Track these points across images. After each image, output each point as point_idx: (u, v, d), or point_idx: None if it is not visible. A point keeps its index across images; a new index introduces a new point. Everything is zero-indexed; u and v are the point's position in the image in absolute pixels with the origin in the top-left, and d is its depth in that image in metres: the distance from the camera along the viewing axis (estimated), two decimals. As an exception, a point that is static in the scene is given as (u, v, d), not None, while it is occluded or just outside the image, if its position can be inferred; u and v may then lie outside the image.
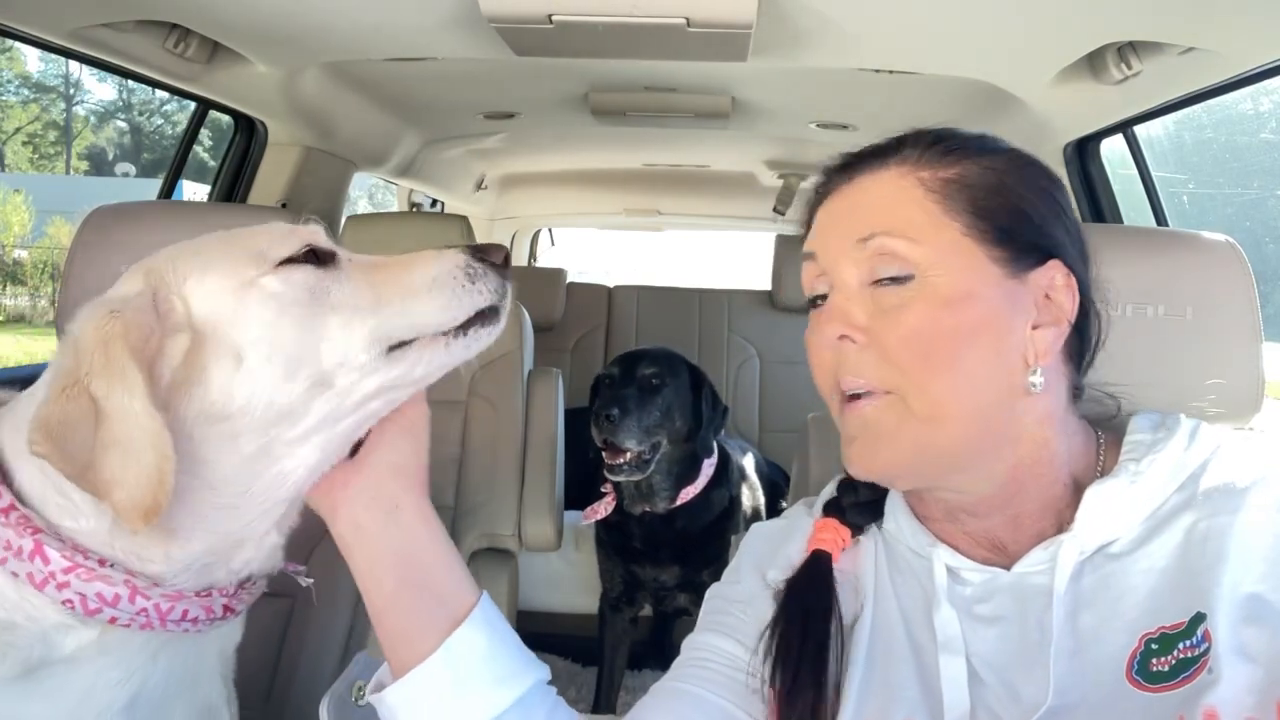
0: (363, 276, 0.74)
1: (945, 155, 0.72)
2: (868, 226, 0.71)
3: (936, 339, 0.67)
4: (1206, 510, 0.65)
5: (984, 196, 0.70)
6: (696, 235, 5.55)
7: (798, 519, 0.85)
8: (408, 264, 0.75)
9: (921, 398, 0.67)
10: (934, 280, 0.68)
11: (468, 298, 0.74)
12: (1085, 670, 0.64)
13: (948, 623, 0.70)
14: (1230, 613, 0.60)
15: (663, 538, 2.15)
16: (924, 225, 0.69)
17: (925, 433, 0.68)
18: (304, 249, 0.73)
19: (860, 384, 0.70)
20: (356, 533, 0.72)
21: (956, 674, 0.68)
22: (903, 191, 0.71)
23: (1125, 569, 0.66)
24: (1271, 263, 3.48)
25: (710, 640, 0.80)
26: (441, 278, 0.74)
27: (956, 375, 0.67)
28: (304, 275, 0.71)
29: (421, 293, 0.73)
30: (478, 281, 0.74)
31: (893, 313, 0.68)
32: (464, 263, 0.75)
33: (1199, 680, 0.59)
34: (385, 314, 0.72)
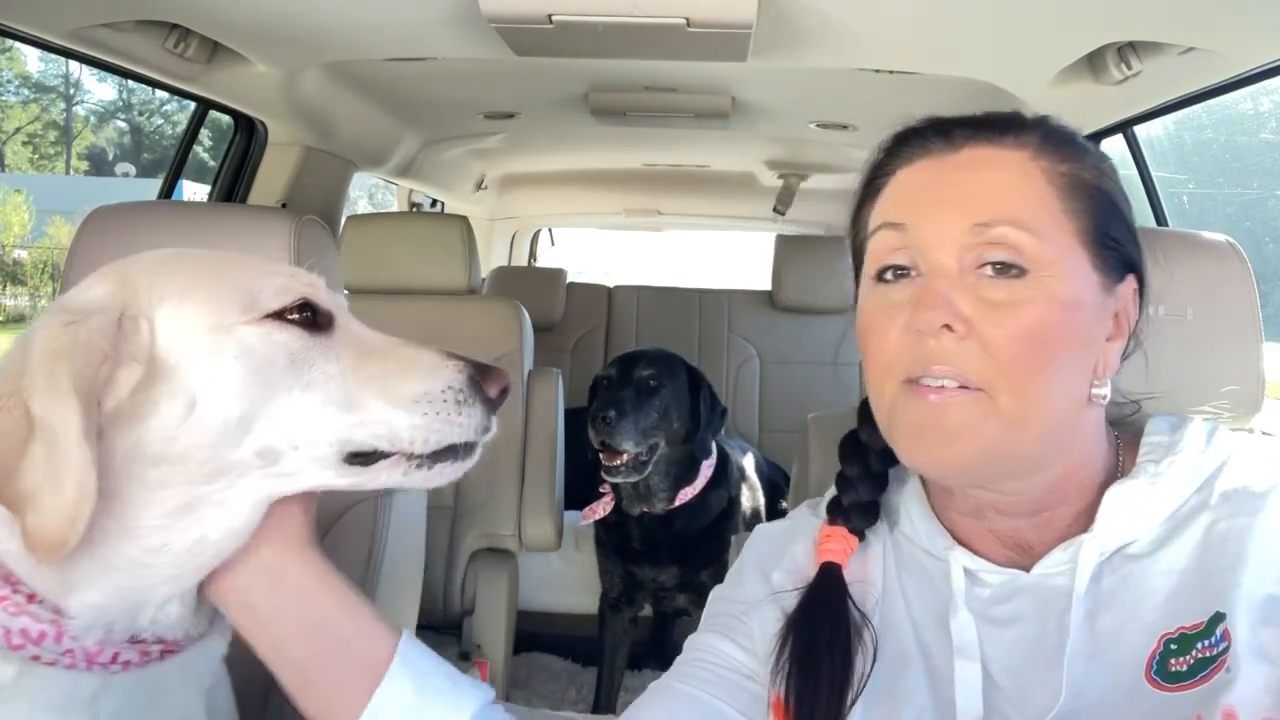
0: (352, 359, 0.68)
1: (1066, 146, 0.69)
2: (990, 211, 0.65)
3: (1046, 342, 0.64)
4: (1225, 511, 0.65)
5: (1100, 199, 0.68)
6: (696, 235, 5.54)
7: (802, 520, 0.85)
8: (403, 365, 0.69)
9: (1015, 400, 0.64)
10: (1048, 281, 0.64)
11: (447, 428, 0.68)
12: (1104, 671, 0.64)
13: (965, 628, 0.69)
14: (1249, 613, 0.60)
15: (661, 538, 2.14)
16: (1046, 221, 0.65)
17: (1006, 436, 0.65)
18: (298, 303, 0.67)
19: (950, 374, 0.65)
20: (245, 610, 0.66)
21: (971, 679, 0.67)
22: (1027, 179, 0.67)
23: (1145, 570, 0.66)
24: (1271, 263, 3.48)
25: (711, 641, 0.79)
26: (431, 395, 0.68)
27: (1052, 382, 0.65)
28: (289, 338, 0.65)
29: (403, 405, 0.67)
30: (464, 411, 0.68)
31: (1004, 308, 0.64)
32: (460, 385, 0.69)
33: (1217, 679, 0.59)
34: (360, 417, 0.66)
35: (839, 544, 0.77)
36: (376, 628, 0.67)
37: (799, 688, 0.71)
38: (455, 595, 2.06)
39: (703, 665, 0.78)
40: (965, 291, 0.65)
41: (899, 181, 0.72)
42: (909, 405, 0.67)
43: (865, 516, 0.79)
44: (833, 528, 0.79)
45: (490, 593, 2.07)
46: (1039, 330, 0.64)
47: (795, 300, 3.03)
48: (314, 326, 0.67)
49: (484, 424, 0.70)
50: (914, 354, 0.66)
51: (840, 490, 0.81)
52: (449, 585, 2.06)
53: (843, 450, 0.83)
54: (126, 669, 0.65)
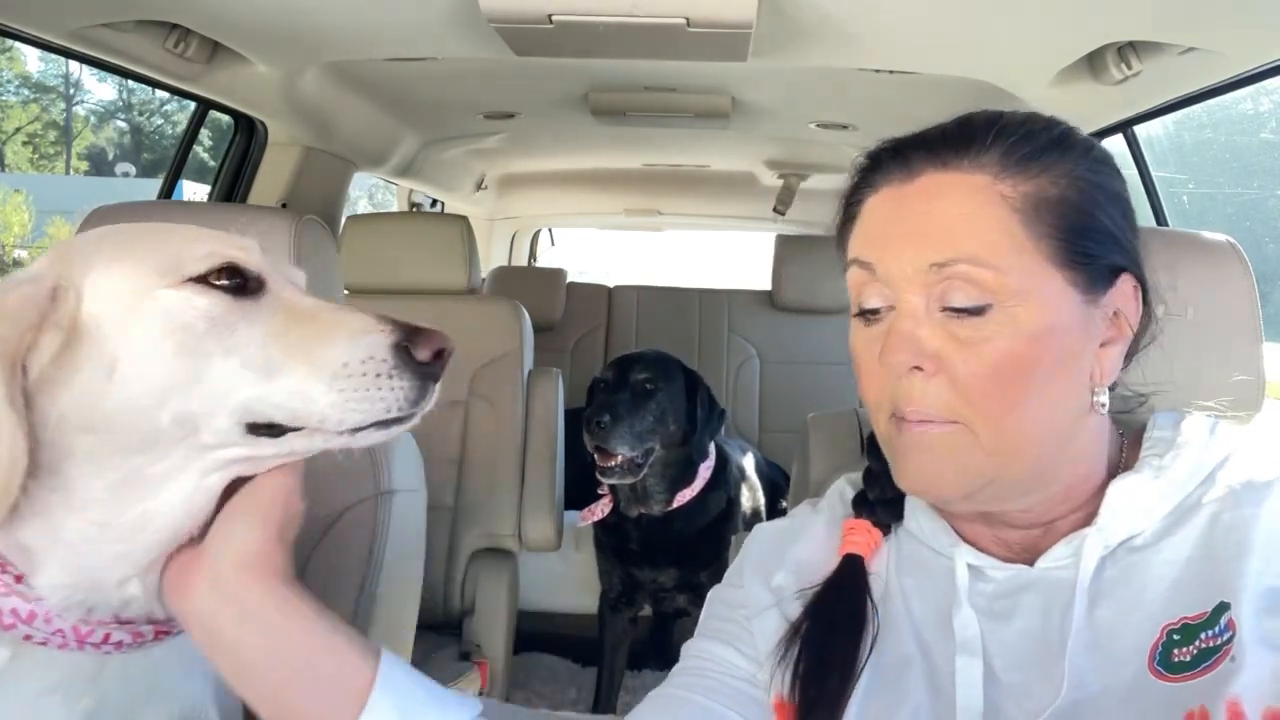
0: (278, 324, 0.65)
1: (1028, 161, 0.65)
2: (948, 249, 0.64)
3: (1014, 374, 0.63)
4: (1230, 503, 0.65)
5: (1068, 214, 0.65)
6: (696, 235, 5.54)
7: (804, 519, 0.84)
8: (328, 329, 0.65)
9: (993, 432, 0.64)
10: (1013, 311, 0.63)
11: (368, 403, 0.63)
12: (1106, 662, 0.64)
13: (967, 624, 0.69)
14: (1254, 603, 0.60)
15: (660, 540, 2.15)
16: (1008, 251, 0.63)
17: (993, 465, 0.65)
18: (222, 266, 0.64)
19: (922, 416, 0.65)
20: (211, 639, 0.63)
21: (973, 675, 0.67)
22: (985, 209, 0.64)
23: (1147, 561, 0.66)
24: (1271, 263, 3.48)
25: (709, 647, 0.79)
26: (352, 365, 0.63)
27: (1031, 409, 0.64)
28: (210, 302, 0.63)
29: (323, 378, 0.62)
30: (393, 381, 0.63)
31: (969, 345, 0.63)
32: (384, 354, 0.64)
33: (1221, 669, 0.59)
34: (278, 385, 0.62)
35: (862, 536, 0.78)
36: (353, 653, 0.64)
37: (806, 676, 0.71)
38: (455, 595, 2.06)
39: (702, 672, 0.77)
40: (934, 328, 0.65)
41: (866, 212, 0.71)
42: (899, 437, 0.68)
43: (891, 511, 0.79)
44: (858, 520, 0.79)
45: (490, 593, 2.07)
46: (1007, 365, 0.63)
47: (795, 300, 3.03)
48: (242, 292, 0.65)
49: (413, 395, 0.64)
50: (891, 392, 0.67)
51: (866, 484, 0.81)
52: (449, 585, 2.06)
53: (868, 445, 0.83)
54: (121, 649, 0.65)
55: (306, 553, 1.09)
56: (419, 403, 0.66)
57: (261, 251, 0.69)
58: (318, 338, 0.64)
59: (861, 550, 0.77)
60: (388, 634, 1.13)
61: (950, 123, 0.70)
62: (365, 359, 0.63)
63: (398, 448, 1.16)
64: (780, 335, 3.10)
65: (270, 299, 0.66)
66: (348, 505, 1.11)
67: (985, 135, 0.67)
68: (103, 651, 0.64)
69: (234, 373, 0.62)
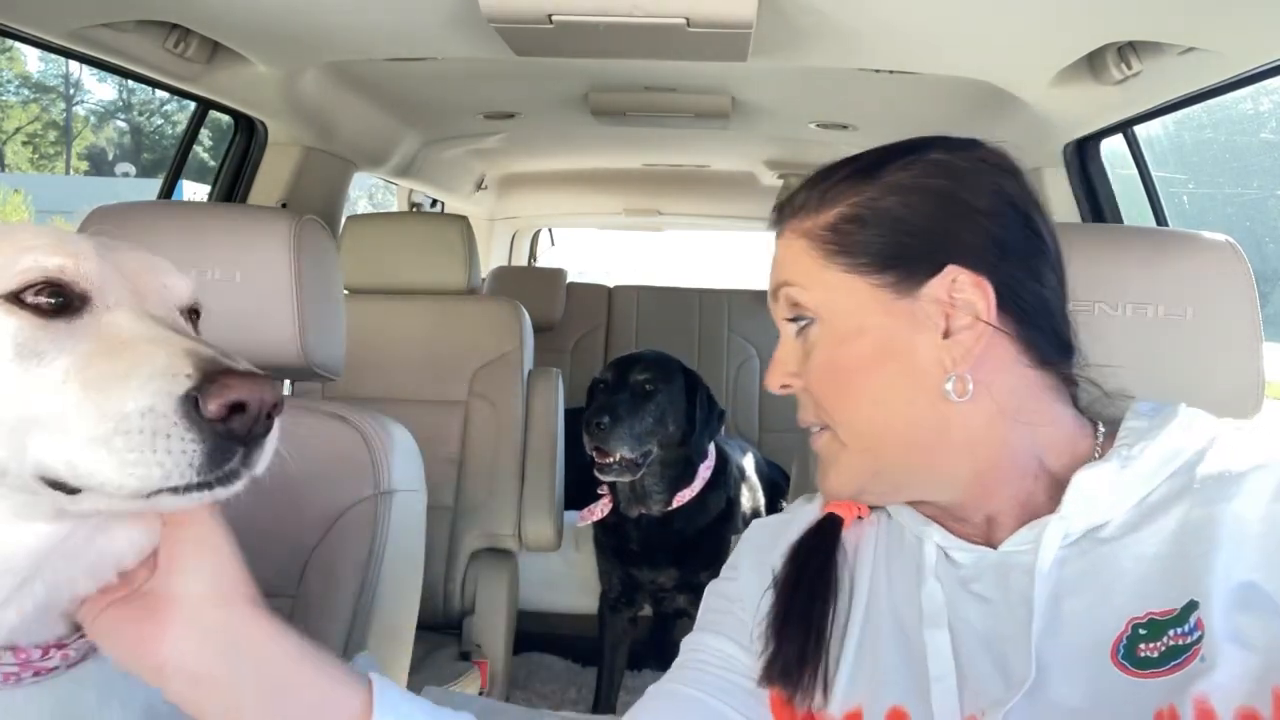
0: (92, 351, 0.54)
1: (823, 201, 0.75)
2: (776, 279, 0.77)
3: (840, 375, 0.72)
4: (1202, 498, 0.65)
5: (857, 232, 0.72)
6: (696, 235, 5.54)
7: (799, 511, 0.85)
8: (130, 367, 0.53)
9: (846, 430, 0.72)
10: (830, 320, 0.73)
11: (144, 467, 0.51)
12: (1069, 651, 0.64)
13: (932, 596, 0.71)
14: (1224, 599, 0.60)
15: (659, 540, 2.15)
16: (812, 271, 0.74)
17: (862, 460, 0.73)
18: (39, 282, 0.55)
19: (806, 422, 0.76)
20: (198, 686, 0.58)
21: (941, 646, 0.69)
22: (794, 244, 0.76)
23: (1115, 553, 0.66)
24: (1271, 263, 3.48)
25: (707, 641, 0.79)
26: (131, 419, 0.51)
27: (866, 404, 0.71)
28: (18, 325, 0.54)
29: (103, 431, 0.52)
30: (170, 441, 0.51)
31: (808, 356, 0.74)
32: (166, 404, 0.52)
33: (1191, 668, 0.59)
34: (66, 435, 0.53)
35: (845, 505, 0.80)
36: (344, 678, 0.63)
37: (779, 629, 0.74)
38: (455, 595, 2.07)
39: (701, 667, 0.78)
40: (795, 349, 0.76)
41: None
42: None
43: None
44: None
45: (490, 593, 2.07)
46: (829, 365, 0.72)
47: (795, 300, 3.03)
48: (63, 309, 0.56)
49: (201, 460, 0.52)
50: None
51: None
52: (449, 585, 2.06)
53: None
54: (9, 681, 0.59)
55: (306, 553, 1.09)
56: (220, 467, 0.53)
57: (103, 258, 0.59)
58: (117, 377, 0.53)
59: (842, 512, 0.80)
60: (388, 634, 1.13)
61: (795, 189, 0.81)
62: (145, 411, 0.51)
63: (398, 448, 1.16)
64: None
65: (90, 321, 0.56)
66: (348, 505, 1.11)
67: (803, 187, 0.78)
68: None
69: (30, 414, 0.53)
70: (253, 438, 0.54)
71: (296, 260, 1.10)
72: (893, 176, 0.73)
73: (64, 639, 0.62)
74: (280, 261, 1.10)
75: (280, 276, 1.10)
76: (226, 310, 1.05)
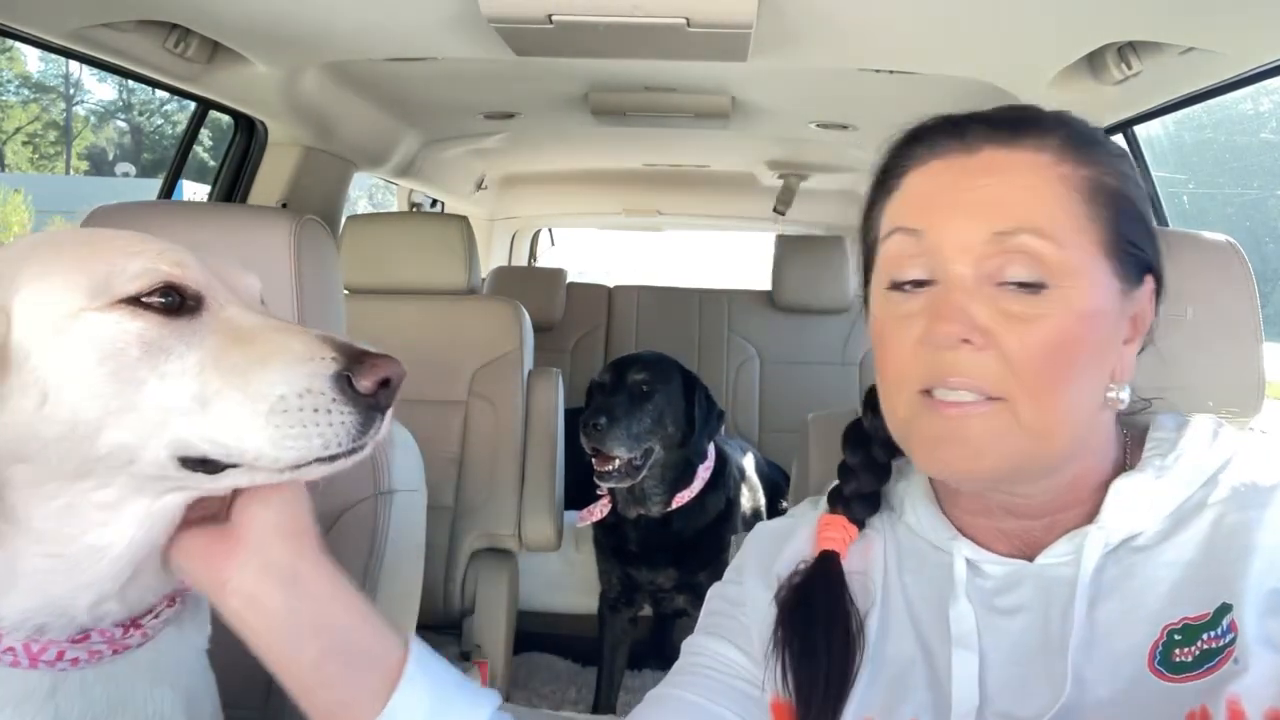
0: (216, 345, 0.60)
1: (1088, 149, 0.67)
2: (1011, 218, 0.64)
3: (1065, 354, 0.63)
4: (1233, 505, 0.65)
5: (1121, 204, 0.67)
6: (696, 235, 5.54)
7: (803, 515, 0.84)
8: (268, 353, 0.60)
9: (1036, 411, 0.63)
10: (1067, 290, 0.63)
11: (305, 439, 0.58)
12: (1106, 661, 0.64)
13: (963, 617, 0.69)
14: (1256, 604, 0.60)
15: (658, 541, 2.14)
16: (1068, 229, 0.64)
17: (1030, 446, 0.64)
18: (158, 286, 0.60)
19: (968, 386, 0.64)
20: (254, 608, 0.62)
21: (969, 669, 0.67)
22: (1048, 185, 0.65)
23: (1149, 561, 0.66)
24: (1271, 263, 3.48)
25: (708, 644, 0.79)
26: (289, 399, 0.58)
27: (1072, 392, 0.64)
28: (143, 326, 0.59)
29: (259, 410, 0.58)
30: (331, 416, 0.59)
31: (1023, 321, 0.63)
32: (324, 385, 0.59)
33: (1224, 670, 0.59)
34: (209, 420, 0.59)
35: (838, 533, 0.77)
36: (388, 634, 0.66)
37: (796, 678, 0.71)
38: (455, 595, 2.06)
39: (701, 671, 0.77)
40: (983, 302, 0.64)
41: (912, 184, 0.70)
42: (926, 418, 0.66)
43: (866, 506, 0.79)
44: (833, 516, 0.79)
45: (490, 593, 2.07)
46: (1059, 343, 0.63)
47: (795, 300, 3.03)
48: (179, 310, 0.61)
49: (355, 429, 0.60)
50: (929, 365, 0.65)
51: (841, 478, 0.81)
52: (449, 585, 2.06)
53: (846, 437, 0.83)
54: (76, 665, 0.63)
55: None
56: (365, 434, 0.61)
57: (199, 261, 0.65)
58: (255, 364, 0.59)
59: (837, 546, 0.77)
60: (388, 634, 1.13)
61: (1004, 106, 0.70)
62: (303, 392, 0.59)
63: (398, 448, 1.16)
64: (780, 335, 3.10)
65: (209, 318, 0.62)
66: (348, 505, 1.11)
67: (1047, 119, 0.68)
68: (57, 669, 0.62)
69: (168, 402, 0.58)
70: (388, 407, 0.62)
71: (296, 260, 1.10)
72: (1128, 160, 0.69)
73: (138, 618, 0.66)
74: (280, 261, 1.10)
75: (280, 276, 1.10)
76: (226, 310, 1.05)
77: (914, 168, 0.70)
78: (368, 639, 0.64)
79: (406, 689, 0.63)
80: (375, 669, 0.64)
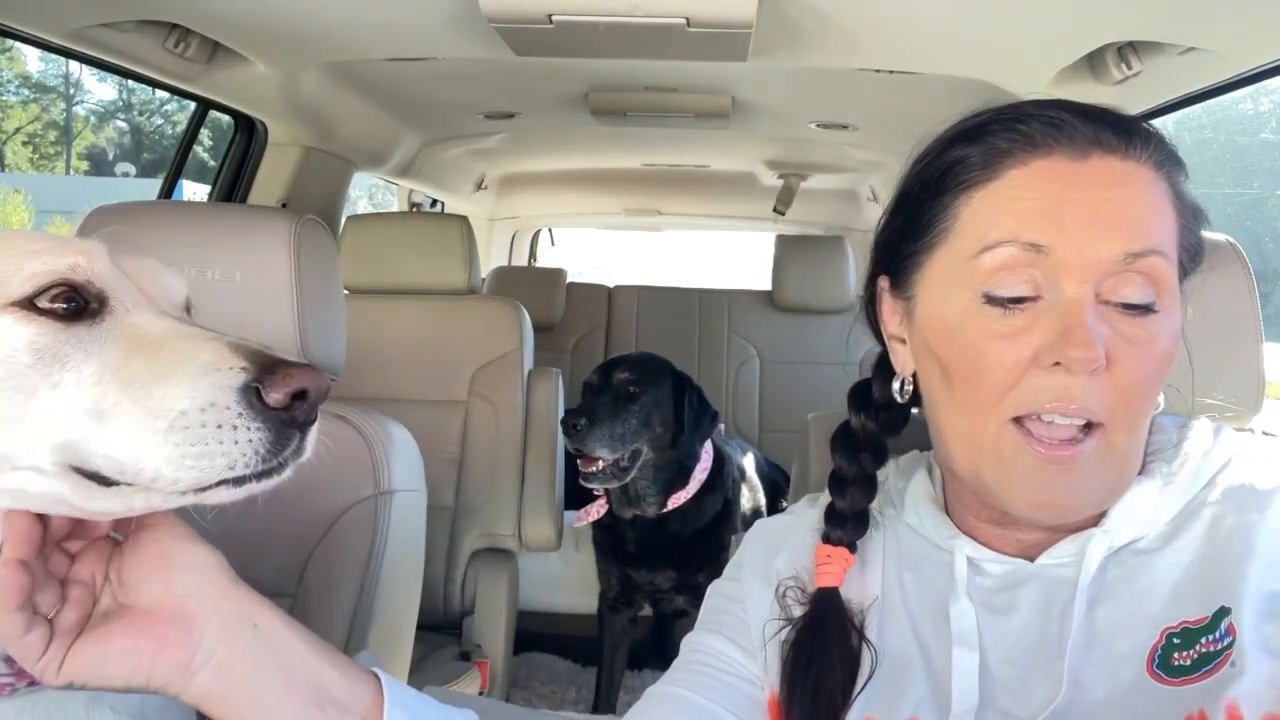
0: (117, 354, 0.55)
1: (1174, 164, 0.64)
2: (1145, 239, 0.60)
3: (1161, 378, 0.62)
4: (1232, 507, 0.65)
5: (1200, 220, 0.66)
6: (696, 235, 5.54)
7: (801, 514, 0.84)
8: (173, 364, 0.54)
9: (1129, 436, 0.62)
10: (1169, 314, 0.62)
11: (207, 459, 0.53)
12: (1103, 663, 0.64)
13: (964, 615, 0.69)
14: (1255, 608, 0.60)
15: (656, 542, 2.14)
16: (1175, 248, 0.62)
17: (1120, 471, 0.63)
18: (53, 286, 0.55)
19: (1080, 414, 0.60)
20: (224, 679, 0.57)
21: (969, 668, 0.67)
22: (1165, 201, 0.62)
23: (1150, 564, 0.66)
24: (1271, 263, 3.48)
25: (708, 641, 0.79)
26: (190, 414, 0.53)
27: (1149, 414, 0.64)
28: (35, 332, 0.54)
29: (158, 426, 0.53)
30: (237, 433, 0.53)
31: (1137, 344, 0.60)
32: (229, 398, 0.53)
33: (1221, 673, 0.59)
34: (105, 433, 0.53)
35: (838, 566, 0.75)
36: (354, 669, 0.62)
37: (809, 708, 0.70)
38: (455, 595, 2.06)
39: (700, 668, 0.77)
40: (1101, 324, 0.60)
41: (1015, 184, 0.63)
42: (1024, 455, 0.62)
43: (860, 526, 0.77)
44: (833, 549, 0.76)
45: (490, 593, 2.07)
46: (1161, 368, 0.62)
47: (795, 300, 3.03)
48: (79, 315, 0.55)
49: (265, 448, 0.54)
50: (1038, 390, 0.61)
51: (835, 491, 0.78)
52: (449, 585, 2.06)
53: (836, 443, 0.80)
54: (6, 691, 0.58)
55: (306, 553, 1.09)
56: (280, 453, 0.55)
57: (108, 260, 0.59)
58: (158, 375, 0.54)
59: (835, 581, 0.74)
60: (388, 634, 1.13)
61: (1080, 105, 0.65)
62: (205, 406, 0.53)
63: (398, 447, 1.16)
64: (780, 335, 3.10)
65: (112, 324, 0.56)
66: (348, 505, 1.11)
67: (1141, 129, 0.64)
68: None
69: (60, 413, 0.53)
70: (307, 424, 0.56)
71: (296, 260, 1.10)
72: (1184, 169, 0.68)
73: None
74: (280, 261, 1.10)
75: (280, 276, 1.10)
76: (226, 310, 1.05)
77: (1011, 164, 0.64)
78: (339, 685, 0.60)
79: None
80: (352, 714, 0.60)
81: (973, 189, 0.65)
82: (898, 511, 0.79)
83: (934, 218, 0.67)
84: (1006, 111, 0.66)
